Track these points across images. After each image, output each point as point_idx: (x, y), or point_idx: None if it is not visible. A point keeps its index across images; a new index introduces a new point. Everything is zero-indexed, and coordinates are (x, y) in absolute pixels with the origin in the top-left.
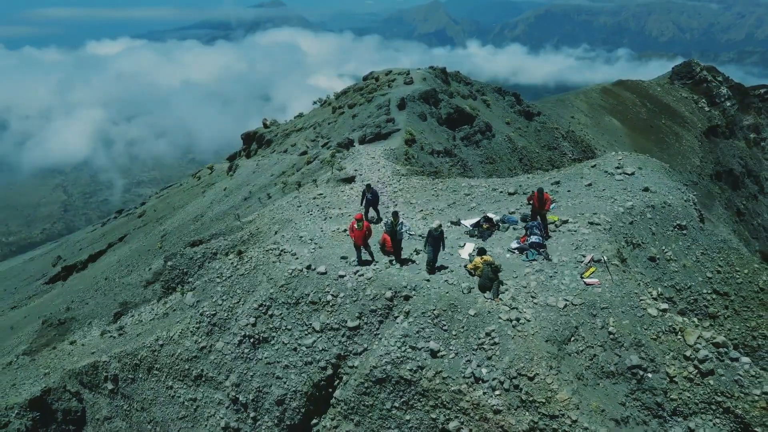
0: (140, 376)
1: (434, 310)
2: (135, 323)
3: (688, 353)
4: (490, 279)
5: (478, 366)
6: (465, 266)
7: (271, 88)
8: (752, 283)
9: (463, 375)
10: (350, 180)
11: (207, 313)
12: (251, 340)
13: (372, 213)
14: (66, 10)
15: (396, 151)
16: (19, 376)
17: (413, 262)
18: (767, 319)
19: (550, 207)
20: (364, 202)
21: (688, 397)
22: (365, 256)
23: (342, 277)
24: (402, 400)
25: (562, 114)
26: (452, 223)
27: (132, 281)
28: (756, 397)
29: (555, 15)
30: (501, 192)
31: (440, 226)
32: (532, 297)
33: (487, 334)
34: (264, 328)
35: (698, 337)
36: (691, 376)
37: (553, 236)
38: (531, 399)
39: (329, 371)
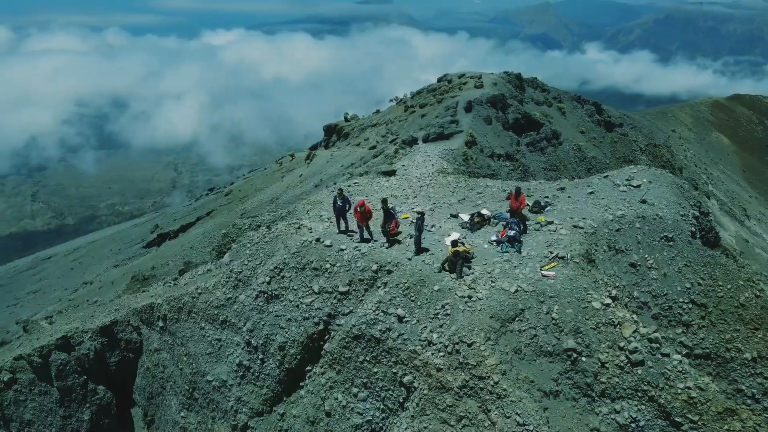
0: (182, 317)
1: (406, 283)
2: (189, 277)
3: (622, 344)
4: (454, 263)
5: (431, 332)
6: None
7: (377, 84)
8: (733, 299)
9: (419, 338)
10: (390, 173)
11: (235, 270)
12: (265, 296)
13: (343, 224)
14: (189, 1)
15: (455, 152)
16: (98, 310)
17: (399, 242)
18: (743, 334)
19: (526, 206)
20: (334, 208)
21: (617, 382)
22: (366, 236)
23: (342, 250)
24: (372, 355)
25: (662, 127)
26: (451, 215)
27: (204, 248)
28: (679, 390)
29: (677, 20)
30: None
31: (421, 213)
32: (492, 281)
33: (442, 306)
34: (276, 286)
35: (634, 331)
36: (622, 364)
37: (532, 234)
38: (466, 362)
39: (321, 327)
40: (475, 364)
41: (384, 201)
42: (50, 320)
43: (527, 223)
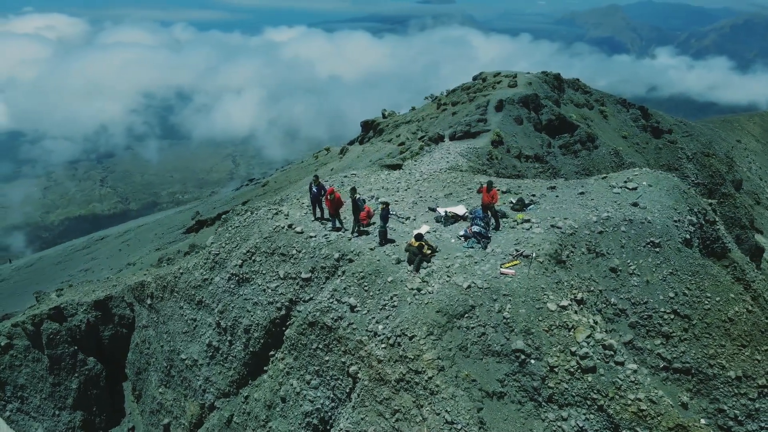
0: (165, 296)
1: (362, 272)
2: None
3: (574, 348)
4: (414, 255)
5: (377, 323)
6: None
7: (434, 84)
8: (721, 312)
9: (366, 329)
10: (395, 167)
11: (213, 252)
12: (237, 278)
13: (319, 212)
14: None
15: (479, 150)
16: (100, 286)
17: (368, 233)
18: (729, 351)
19: (498, 200)
20: (310, 195)
21: (566, 388)
22: (337, 224)
23: (311, 237)
24: (324, 342)
25: (726, 137)
26: (429, 209)
27: None
28: (630, 402)
29: (757, 26)
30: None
31: (386, 203)
32: (447, 276)
33: (391, 298)
34: (247, 269)
35: (588, 336)
36: (572, 369)
37: (505, 231)
38: (405, 355)
39: (283, 312)
40: (412, 357)
41: (352, 190)
42: (59, 292)
43: (502, 219)
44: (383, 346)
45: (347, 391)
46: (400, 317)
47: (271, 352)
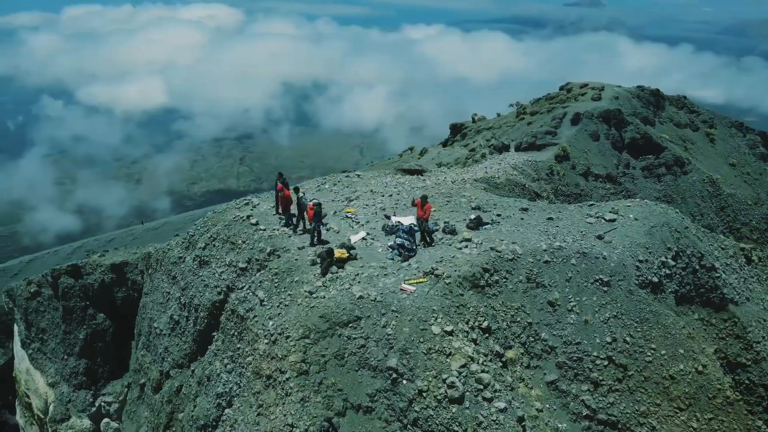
0: (158, 267)
1: (277, 269)
2: None
3: (445, 376)
4: (323, 259)
5: (269, 319)
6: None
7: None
8: (663, 367)
9: (263, 324)
10: (413, 172)
11: (190, 233)
12: (199, 260)
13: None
14: None
15: (539, 164)
16: (126, 252)
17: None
18: (664, 411)
19: (430, 215)
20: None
21: (431, 414)
22: (293, 222)
23: (260, 230)
24: (238, 330)
25: None
26: (385, 216)
27: None
28: None
29: None
30: (463, 203)
31: (318, 203)
32: (350, 284)
33: (287, 297)
34: (207, 253)
35: (462, 366)
36: (440, 397)
37: (439, 247)
38: (275, 354)
39: (222, 297)
40: (281, 357)
41: (296, 189)
42: (103, 253)
43: (450, 236)
44: (266, 341)
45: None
46: (287, 316)
47: (213, 333)
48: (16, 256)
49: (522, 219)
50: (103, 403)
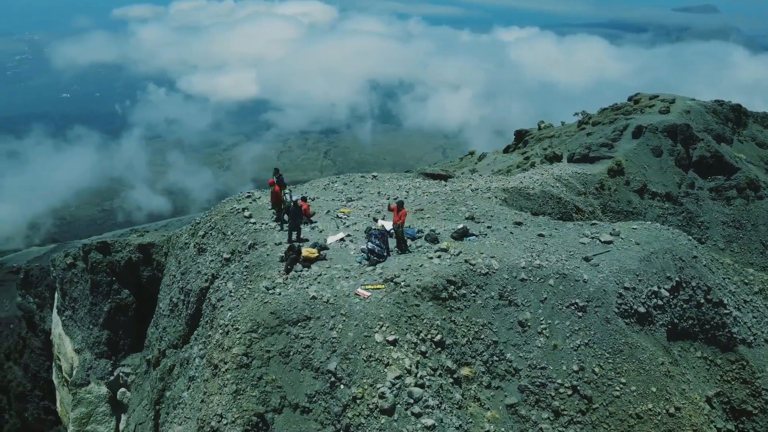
0: (172, 251)
1: (249, 262)
2: None
3: (379, 386)
4: (288, 256)
5: (229, 310)
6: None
7: None
8: (631, 405)
9: (223, 315)
10: (437, 176)
11: (196, 221)
12: (198, 247)
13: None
14: None
15: (588, 177)
16: (156, 234)
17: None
18: None
19: (404, 221)
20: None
21: (361, 423)
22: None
23: (252, 224)
24: (210, 318)
25: None
26: (373, 219)
27: None
28: None
29: None
30: (462, 212)
31: (296, 200)
32: (309, 285)
33: (247, 290)
34: (205, 241)
35: (397, 377)
36: (372, 406)
37: (414, 254)
38: (224, 344)
39: (207, 284)
40: (227, 348)
41: (284, 185)
42: (141, 233)
43: (432, 244)
44: (221, 332)
45: None
46: (240, 310)
47: (200, 319)
48: (111, 230)
49: (511, 233)
50: (121, 373)
